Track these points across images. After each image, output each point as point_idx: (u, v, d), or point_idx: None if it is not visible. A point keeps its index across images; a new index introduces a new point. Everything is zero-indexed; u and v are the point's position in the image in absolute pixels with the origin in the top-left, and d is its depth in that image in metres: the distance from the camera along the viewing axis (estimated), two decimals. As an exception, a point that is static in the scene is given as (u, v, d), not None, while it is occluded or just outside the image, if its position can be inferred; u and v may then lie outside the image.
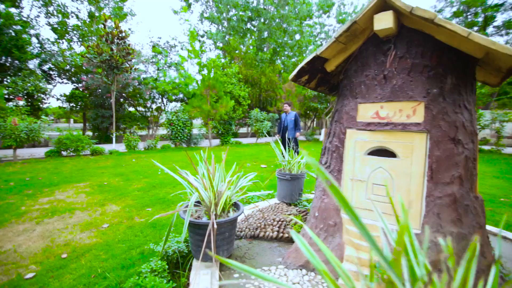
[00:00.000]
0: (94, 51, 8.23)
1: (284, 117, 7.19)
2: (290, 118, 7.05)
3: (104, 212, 3.53)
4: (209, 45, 23.73)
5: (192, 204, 1.66)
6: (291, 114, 7.08)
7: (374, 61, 1.52)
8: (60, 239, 2.74)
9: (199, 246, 1.71)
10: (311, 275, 1.66)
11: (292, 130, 7.05)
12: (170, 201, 3.99)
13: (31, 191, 4.46)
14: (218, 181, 1.89)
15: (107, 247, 2.57)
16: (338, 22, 28.34)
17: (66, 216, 3.38)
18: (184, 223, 1.57)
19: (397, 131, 1.45)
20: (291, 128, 7.06)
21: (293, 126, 7.04)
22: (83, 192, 4.43)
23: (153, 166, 6.83)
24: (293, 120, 7.04)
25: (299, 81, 1.77)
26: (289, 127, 7.05)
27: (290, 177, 2.95)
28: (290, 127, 7.04)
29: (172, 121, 10.63)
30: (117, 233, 2.89)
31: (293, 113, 7.07)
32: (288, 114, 7.10)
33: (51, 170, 6.23)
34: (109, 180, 5.30)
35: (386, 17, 1.35)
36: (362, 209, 1.58)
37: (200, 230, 1.67)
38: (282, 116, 7.29)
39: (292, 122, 7.05)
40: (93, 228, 3.02)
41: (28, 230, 2.96)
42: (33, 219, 3.25)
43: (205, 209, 1.85)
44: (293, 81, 1.75)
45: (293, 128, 7.04)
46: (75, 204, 3.80)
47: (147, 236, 2.82)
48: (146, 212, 3.53)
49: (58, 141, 7.91)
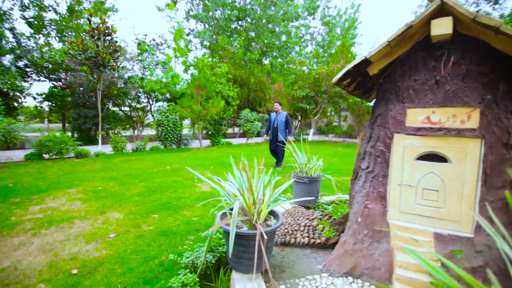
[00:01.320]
0: (79, 47, 7.72)
1: (274, 117, 6.71)
2: (281, 119, 6.59)
3: (106, 220, 3.29)
4: (194, 44, 23.28)
5: (236, 213, 1.56)
6: (282, 114, 6.63)
7: (424, 66, 1.51)
8: (64, 253, 2.51)
9: (241, 258, 1.61)
10: (358, 283, 1.62)
11: (283, 132, 6.62)
12: (176, 206, 3.81)
13: (18, 198, 4.08)
14: (260, 187, 1.80)
15: (121, 260, 2.39)
16: (323, 24, 28.91)
17: (65, 226, 3.11)
18: (230, 235, 1.46)
19: (450, 136, 1.45)
20: (282, 130, 6.62)
21: (284, 127, 6.59)
22: (77, 199, 4.12)
23: (146, 169, 6.54)
24: (284, 121, 6.58)
25: (341, 84, 1.73)
26: (279, 128, 6.60)
27: (308, 180, 2.91)
28: (281, 129, 6.60)
29: (161, 122, 10.27)
30: (127, 244, 2.70)
31: (284, 113, 6.64)
32: (279, 114, 6.64)
33: (35, 175, 5.76)
34: (102, 185, 4.99)
35: (445, 23, 1.34)
36: (411, 214, 1.57)
37: (243, 240, 1.57)
38: (271, 116, 6.80)
39: (283, 123, 6.60)
40: (99, 239, 2.80)
41: (25, 243, 2.68)
42: (27, 231, 2.96)
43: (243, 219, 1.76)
44: (336, 84, 1.71)
45: (284, 130, 6.61)
46: (72, 213, 3.52)
47: (161, 245, 2.66)
48: (152, 219, 3.34)
49: (40, 143, 7.35)
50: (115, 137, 9.04)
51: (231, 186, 1.90)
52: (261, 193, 1.80)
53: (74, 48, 7.83)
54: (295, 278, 1.68)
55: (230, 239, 1.46)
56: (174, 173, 6.12)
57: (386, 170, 1.64)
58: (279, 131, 6.54)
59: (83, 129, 11.58)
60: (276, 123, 6.60)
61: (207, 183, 5.12)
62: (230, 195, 1.87)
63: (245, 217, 1.68)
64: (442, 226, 1.49)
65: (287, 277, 1.69)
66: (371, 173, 1.70)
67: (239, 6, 20.52)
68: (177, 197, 4.23)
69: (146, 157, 8.44)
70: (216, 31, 19.85)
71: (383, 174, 1.64)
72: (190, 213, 3.58)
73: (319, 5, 26.27)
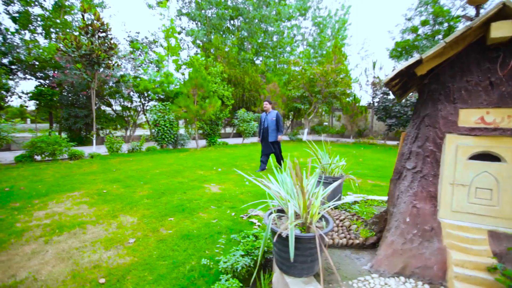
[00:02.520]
0: (73, 44, 7.38)
1: (264, 117, 6.21)
2: (271, 118, 6.09)
3: (120, 225, 3.15)
4: (186, 43, 22.92)
5: (292, 216, 1.51)
6: (271, 113, 6.13)
7: (478, 67, 1.53)
8: (84, 261, 2.37)
9: (295, 261, 1.57)
10: (411, 282, 1.61)
11: (274, 132, 6.10)
12: (190, 208, 3.70)
13: (18, 203, 3.84)
14: (312, 189, 1.76)
15: (148, 266, 2.28)
16: (314, 25, 29.23)
17: (78, 232, 2.95)
18: (290, 239, 1.42)
19: (505, 136, 1.47)
20: (273, 130, 6.10)
21: (274, 127, 6.09)
22: (82, 203, 3.93)
23: (148, 170, 6.34)
24: (274, 120, 6.08)
25: (389, 85, 1.72)
26: (269, 129, 6.08)
27: (333, 180, 2.90)
28: (271, 129, 6.08)
29: (158, 122, 10.02)
30: (150, 249, 2.58)
31: (274, 112, 6.14)
32: (269, 113, 6.15)
33: (30, 178, 5.46)
34: (105, 187, 4.79)
35: (506, 26, 1.36)
36: (463, 213, 1.58)
37: (298, 244, 1.53)
38: (261, 116, 6.29)
39: (273, 122, 6.09)
40: (118, 245, 2.67)
41: (38, 251, 2.52)
42: (38, 238, 2.78)
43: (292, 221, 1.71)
44: (386, 84, 1.70)
45: (274, 129, 6.10)
46: (82, 217, 3.35)
47: (187, 250, 2.56)
48: (169, 223, 3.23)
49: (31, 144, 6.98)
50: (110, 138, 8.73)
51: (278, 187, 1.85)
52: (311, 195, 1.77)
53: (67, 44, 7.48)
54: (347, 280, 1.66)
55: (290, 243, 1.41)
56: (179, 174, 5.97)
57: (436, 170, 1.64)
58: (269, 131, 6.10)
59: (74, 129, 11.12)
60: (267, 123, 6.14)
61: (215, 184, 5.03)
62: (277, 197, 1.82)
63: (298, 220, 1.64)
64: (496, 224, 1.51)
65: (337, 279, 1.66)
66: (419, 173, 1.70)
67: (231, 5, 20.39)
68: (188, 199, 4.12)
69: (144, 158, 8.21)
70: (209, 30, 19.63)
71: (433, 174, 1.65)
72: (206, 215, 3.49)
73: (310, 6, 26.53)
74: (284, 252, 1.63)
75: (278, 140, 6.15)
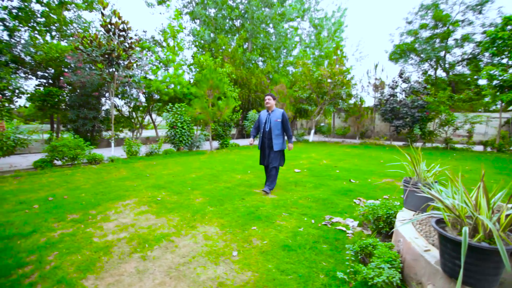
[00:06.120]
0: (96, 43, 6.98)
1: (265, 116, 4.69)
2: (275, 119, 4.56)
3: (206, 236, 2.97)
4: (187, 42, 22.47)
5: (491, 228, 1.44)
6: (276, 113, 4.61)
7: None
8: (202, 278, 2.19)
9: (495, 275, 1.50)
10: None
11: (279, 137, 4.54)
12: (263, 216, 3.55)
13: (76, 215, 3.56)
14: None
15: (278, 282, 2.13)
16: (311, 27, 29.49)
17: (168, 245, 2.75)
18: (504, 255, 1.34)
19: None
20: (277, 135, 4.53)
21: (280, 132, 4.55)
22: (145, 212, 3.69)
23: (182, 175, 6.09)
24: (280, 122, 4.55)
25: None
26: (273, 133, 4.53)
27: (430, 187, 2.85)
28: (276, 133, 4.53)
29: (175, 124, 9.72)
30: (259, 261, 2.43)
31: (279, 111, 4.62)
32: (272, 111, 4.65)
33: (64, 185, 5.11)
34: (154, 194, 4.55)
35: None
36: None
37: (481, 255, 1.47)
38: (261, 114, 4.79)
39: (278, 125, 4.54)
40: (224, 258, 2.50)
41: (144, 270, 2.31)
42: (131, 254, 2.56)
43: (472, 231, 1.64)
44: None
45: (280, 135, 4.55)
46: (159, 229, 3.13)
47: (301, 261, 2.43)
48: (255, 232, 3.07)
49: (52, 148, 6.55)
50: (129, 141, 8.37)
51: (452, 200, 1.77)
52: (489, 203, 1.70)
53: (87, 43, 7.07)
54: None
55: (504, 256, 1.34)
56: (218, 178, 5.78)
57: None
58: (273, 136, 4.51)
59: (81, 131, 10.59)
60: (269, 125, 4.58)
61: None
62: (451, 208, 1.74)
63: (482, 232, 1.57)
64: None
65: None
66: None
67: (234, 5, 20.18)
68: (253, 206, 3.97)
69: (167, 162, 7.90)
70: (213, 30, 19.33)
71: None
72: (285, 223, 3.36)
73: (310, 7, 26.73)
74: (475, 266, 1.56)
75: (286, 149, 4.71)
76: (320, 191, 4.79)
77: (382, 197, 4.36)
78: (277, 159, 4.62)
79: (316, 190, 4.91)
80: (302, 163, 7.96)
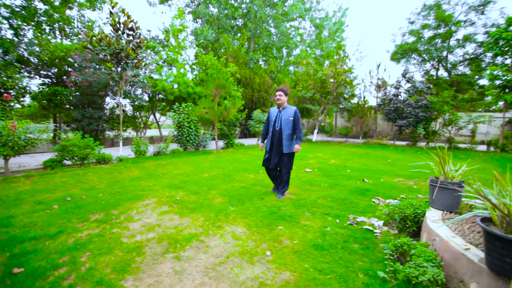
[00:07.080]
0: (105, 42, 6.92)
1: (274, 113, 4.28)
2: (287, 118, 4.14)
3: (235, 236, 2.96)
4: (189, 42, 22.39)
5: None
6: (288, 110, 4.19)
7: None
8: (241, 278, 2.18)
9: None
10: None
11: (290, 138, 4.16)
12: (286, 216, 3.54)
13: (99, 215, 3.53)
14: None
15: (318, 282, 2.12)
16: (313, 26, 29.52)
17: (199, 245, 2.74)
18: None
19: None
20: (288, 136, 4.14)
21: (291, 131, 4.17)
22: (168, 212, 3.68)
23: (194, 174, 6.06)
24: (292, 121, 4.15)
25: None
26: (284, 133, 4.12)
27: (458, 186, 2.87)
28: (287, 133, 4.13)
29: (182, 123, 9.68)
30: (294, 261, 2.43)
31: (291, 109, 4.20)
32: (283, 109, 4.23)
33: (78, 185, 5.07)
34: (172, 194, 4.53)
35: None
36: None
37: None
38: (271, 112, 4.35)
39: (290, 124, 4.15)
40: (259, 258, 2.50)
41: (182, 271, 2.30)
42: (163, 255, 2.55)
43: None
44: None
45: (291, 135, 4.17)
46: (186, 229, 3.12)
47: (336, 261, 2.43)
48: (283, 232, 3.07)
49: (62, 148, 6.50)
50: (138, 140, 8.32)
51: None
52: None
53: (96, 42, 7.01)
54: None
55: None
56: (231, 178, 5.77)
57: None
58: (283, 137, 4.13)
59: (86, 131, 10.51)
60: (279, 123, 4.17)
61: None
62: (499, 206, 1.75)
63: None
64: None
65: None
66: None
67: (236, 4, 20.14)
68: (274, 206, 3.96)
69: (176, 161, 7.87)
70: (216, 29, 19.29)
71: None
72: (310, 222, 3.37)
73: (311, 7, 26.74)
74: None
75: (295, 151, 4.21)
76: (336, 191, 4.80)
77: (400, 197, 4.38)
78: (290, 162, 4.33)
79: (332, 189, 4.91)
80: (311, 162, 7.97)
